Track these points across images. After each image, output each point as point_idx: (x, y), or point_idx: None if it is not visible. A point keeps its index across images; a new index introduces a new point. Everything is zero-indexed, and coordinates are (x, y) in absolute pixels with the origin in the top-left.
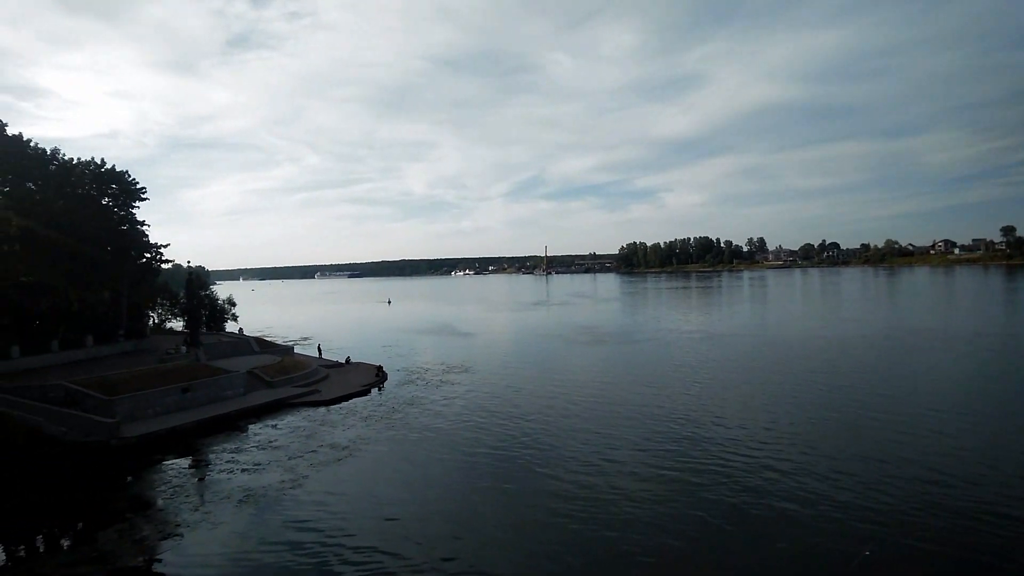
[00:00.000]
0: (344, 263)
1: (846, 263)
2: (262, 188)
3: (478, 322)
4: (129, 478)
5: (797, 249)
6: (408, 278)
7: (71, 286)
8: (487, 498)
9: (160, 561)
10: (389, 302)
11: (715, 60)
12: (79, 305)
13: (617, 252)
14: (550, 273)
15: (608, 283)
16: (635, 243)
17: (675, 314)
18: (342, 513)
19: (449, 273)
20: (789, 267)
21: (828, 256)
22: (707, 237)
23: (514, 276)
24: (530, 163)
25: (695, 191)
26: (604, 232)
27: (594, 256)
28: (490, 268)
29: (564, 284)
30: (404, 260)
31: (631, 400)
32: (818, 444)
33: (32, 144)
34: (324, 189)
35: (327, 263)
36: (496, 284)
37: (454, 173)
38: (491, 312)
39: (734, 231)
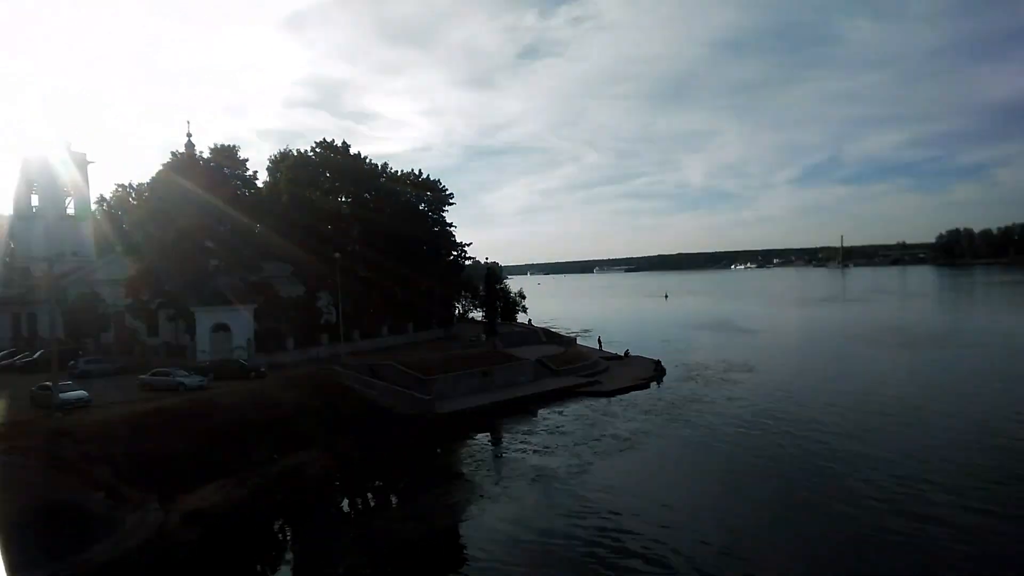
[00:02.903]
0: (620, 258)
1: None
2: (546, 188)
3: (761, 318)
4: (439, 449)
5: None
6: (684, 272)
7: (397, 280)
8: (764, 508)
9: (468, 527)
10: (666, 296)
11: None
12: (401, 296)
13: (934, 241)
14: (847, 265)
15: (921, 277)
16: (958, 230)
17: (1013, 315)
18: (623, 502)
19: (728, 267)
20: None
21: None
22: None
23: (803, 269)
24: (823, 144)
25: None
26: (916, 218)
27: (903, 246)
28: (775, 261)
29: (864, 278)
30: (680, 254)
31: (943, 420)
32: None
33: (367, 161)
34: (602, 186)
35: (604, 258)
36: (781, 278)
37: (735, 161)
38: (775, 308)
39: None
